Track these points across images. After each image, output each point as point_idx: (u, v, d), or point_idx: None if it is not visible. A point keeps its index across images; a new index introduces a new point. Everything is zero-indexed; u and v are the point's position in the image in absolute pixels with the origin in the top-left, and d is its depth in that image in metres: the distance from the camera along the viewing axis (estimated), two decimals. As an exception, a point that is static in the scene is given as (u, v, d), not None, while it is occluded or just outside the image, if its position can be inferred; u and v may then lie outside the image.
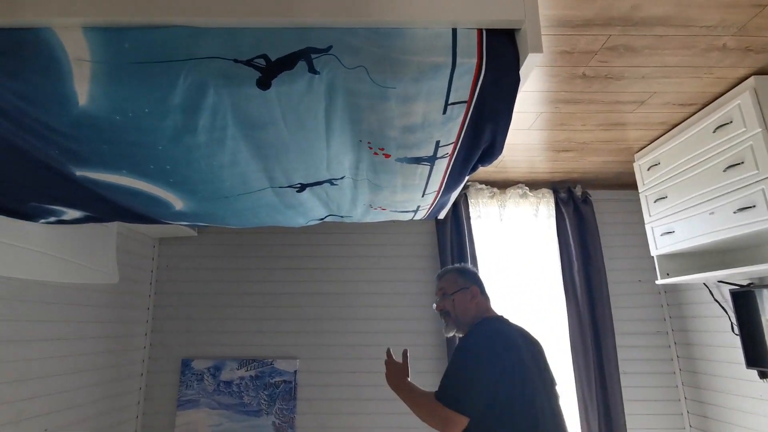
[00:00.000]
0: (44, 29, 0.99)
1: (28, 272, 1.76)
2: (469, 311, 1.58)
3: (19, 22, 0.98)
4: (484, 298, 1.64)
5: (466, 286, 1.62)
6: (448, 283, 1.65)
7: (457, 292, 1.61)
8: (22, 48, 0.99)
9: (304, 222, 1.98)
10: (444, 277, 1.68)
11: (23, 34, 0.99)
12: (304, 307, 2.76)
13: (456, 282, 1.64)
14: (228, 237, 2.83)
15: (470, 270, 1.71)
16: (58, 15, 0.98)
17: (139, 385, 2.58)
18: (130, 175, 1.32)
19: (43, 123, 1.09)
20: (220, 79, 1.00)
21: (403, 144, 1.24)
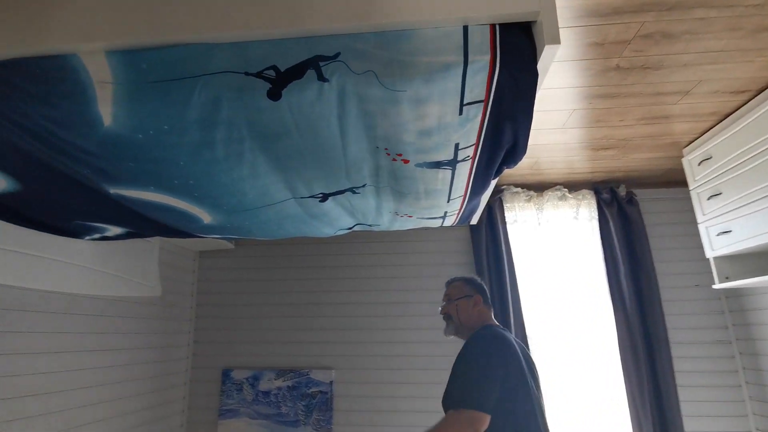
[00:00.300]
0: (70, 55, 1.04)
1: (76, 287, 1.86)
2: (470, 317, 1.68)
3: (47, 50, 1.04)
4: (486, 307, 1.73)
5: (470, 294, 1.72)
6: (454, 289, 1.77)
7: (461, 299, 1.72)
8: (50, 74, 1.04)
9: (332, 232, 1.98)
10: (452, 284, 1.80)
11: (51, 61, 1.04)
12: (338, 317, 2.76)
13: (462, 289, 1.75)
14: (264, 248, 2.89)
15: (477, 280, 1.80)
16: (83, 41, 1.03)
17: (183, 394, 2.66)
18: (158, 191, 1.37)
19: (73, 145, 1.15)
20: (233, 93, 1.01)
21: (421, 148, 1.21)
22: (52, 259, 1.76)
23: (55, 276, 1.77)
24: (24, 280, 1.62)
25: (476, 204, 1.81)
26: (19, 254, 1.62)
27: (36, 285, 1.67)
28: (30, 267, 1.66)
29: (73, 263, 1.85)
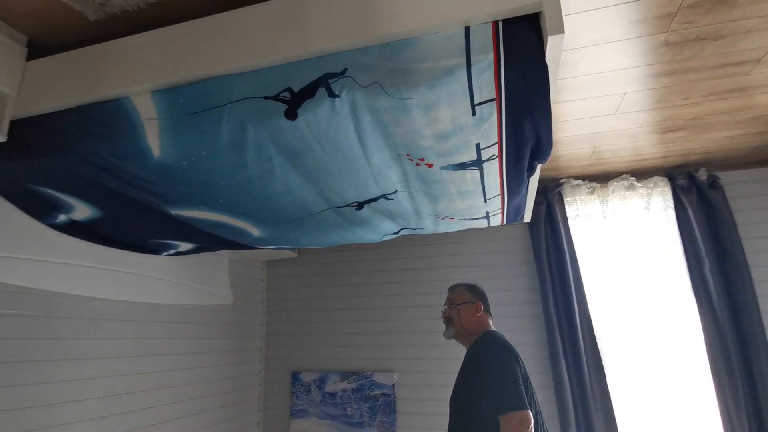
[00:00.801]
0: (123, 98, 1.19)
1: (155, 297, 2.10)
2: (471, 323, 1.76)
3: (105, 96, 1.20)
4: (486, 314, 1.81)
5: (472, 301, 1.81)
6: (457, 295, 1.85)
7: (463, 304, 1.80)
8: (108, 116, 1.20)
9: (378, 238, 2.02)
10: (455, 290, 1.88)
11: (108, 105, 1.20)
12: (399, 321, 2.79)
13: (464, 295, 1.83)
14: (325, 256, 3.02)
15: (479, 288, 1.88)
16: (132, 85, 1.17)
17: (258, 394, 2.86)
18: (208, 209, 1.51)
19: (133, 175, 1.31)
20: (255, 116, 1.09)
21: (442, 152, 1.21)
22: (134, 274, 2.00)
23: (137, 288, 2.01)
24: (110, 292, 1.86)
25: (521, 202, 1.75)
26: (107, 270, 1.87)
27: (121, 296, 1.92)
28: (115, 281, 1.90)
29: (153, 276, 2.09)
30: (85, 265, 1.78)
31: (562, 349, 2.37)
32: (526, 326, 2.56)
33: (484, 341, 1.66)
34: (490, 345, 1.62)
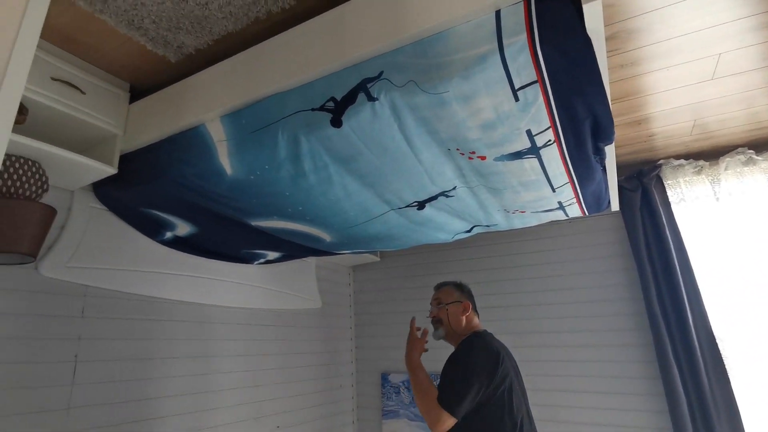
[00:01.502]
0: (200, 125, 1.35)
1: (251, 302, 2.31)
2: (459, 323, 1.71)
3: (186, 125, 1.38)
4: (473, 313, 1.77)
5: (460, 300, 1.76)
6: (444, 294, 1.80)
7: (451, 303, 1.75)
8: (190, 142, 1.37)
9: (450, 237, 2.00)
10: (441, 289, 1.83)
11: (189, 133, 1.38)
12: (486, 321, 2.70)
13: (452, 294, 1.78)
14: (407, 257, 3.06)
15: (466, 287, 1.85)
16: (205, 112, 1.33)
17: (351, 394, 2.98)
18: (280, 219, 1.63)
19: (214, 192, 1.47)
20: (305, 128, 1.17)
21: (492, 142, 1.17)
22: (234, 282, 2.23)
23: (237, 295, 2.23)
24: (214, 299, 2.10)
25: (599, 189, 1.60)
26: (211, 280, 2.11)
27: (223, 302, 2.15)
28: (218, 289, 2.14)
29: (249, 284, 2.31)
30: (193, 276, 2.04)
31: (673, 351, 2.10)
32: (627, 325, 2.32)
33: (466, 343, 1.60)
34: (467, 348, 1.57)
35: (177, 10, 1.22)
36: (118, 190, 1.58)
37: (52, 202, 1.54)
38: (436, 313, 1.77)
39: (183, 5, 1.21)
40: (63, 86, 1.38)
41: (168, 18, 1.26)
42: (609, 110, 1.05)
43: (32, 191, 1.33)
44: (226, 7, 1.22)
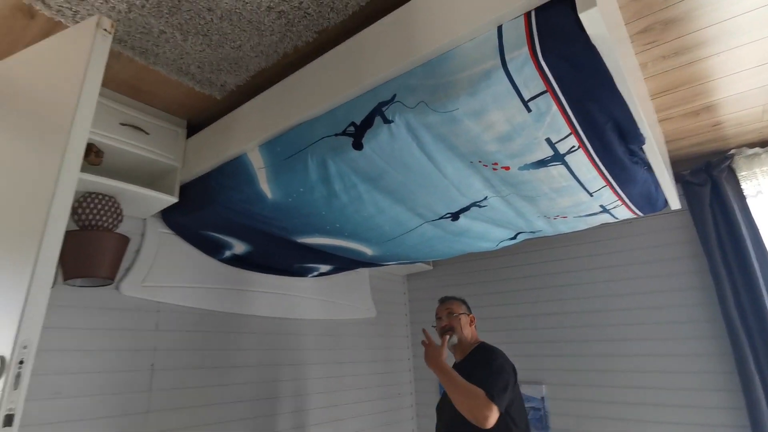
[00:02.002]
0: (242, 155, 1.48)
1: (306, 313, 2.43)
2: (467, 333, 1.84)
3: (231, 155, 1.51)
4: (474, 327, 1.91)
5: (467, 313, 1.91)
6: (454, 305, 1.90)
7: (461, 314, 1.87)
8: (234, 170, 1.51)
9: (493, 245, 1.97)
10: (448, 301, 1.93)
11: (234, 162, 1.51)
12: (544, 329, 2.62)
13: (461, 307, 1.92)
14: (460, 265, 3.04)
15: (467, 302, 1.98)
16: (246, 142, 1.45)
17: (411, 402, 3.01)
18: (322, 236, 1.72)
19: (259, 214, 1.60)
20: (331, 152, 1.25)
21: (512, 153, 1.17)
22: (291, 295, 2.37)
23: (294, 307, 2.37)
24: (274, 311, 2.25)
25: (647, 189, 1.51)
26: (270, 294, 2.26)
27: (282, 314, 2.29)
28: (278, 302, 2.28)
29: (303, 296, 2.44)
30: (253, 290, 2.20)
31: (754, 361, 1.89)
32: (701, 333, 2.12)
33: (487, 347, 1.78)
34: (495, 349, 1.76)
35: (216, 54, 1.36)
36: (180, 216, 1.76)
37: (129, 229, 1.76)
38: (448, 321, 1.85)
39: (220, 50, 1.34)
40: (130, 129, 1.58)
41: (209, 62, 1.40)
42: (629, 112, 1.01)
43: (109, 222, 1.53)
44: (257, 47, 1.34)
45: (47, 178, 0.97)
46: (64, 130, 0.99)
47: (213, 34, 1.28)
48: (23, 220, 0.95)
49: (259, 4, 1.17)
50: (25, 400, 1.40)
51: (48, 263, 0.88)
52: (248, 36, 1.29)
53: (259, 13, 1.20)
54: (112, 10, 1.17)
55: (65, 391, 1.49)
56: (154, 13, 1.19)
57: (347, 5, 1.20)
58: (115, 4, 1.16)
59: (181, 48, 1.33)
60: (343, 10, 1.21)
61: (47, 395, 1.45)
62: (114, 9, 1.17)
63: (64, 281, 1.46)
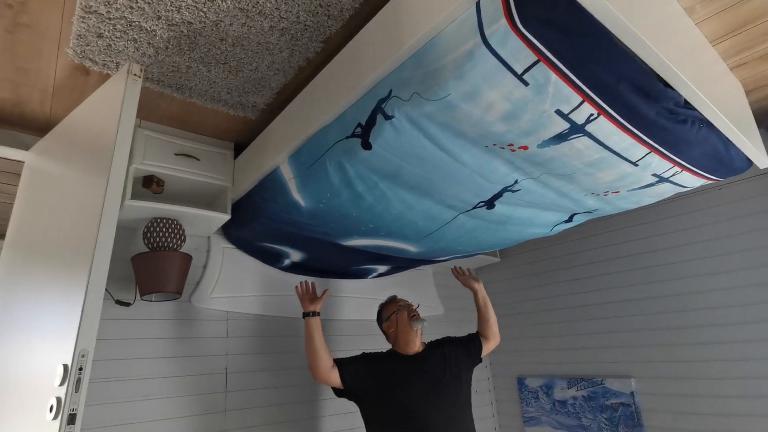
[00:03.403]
0: (276, 168, 1.58)
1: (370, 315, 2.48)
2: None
3: (267, 170, 1.62)
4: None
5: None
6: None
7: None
8: (271, 184, 1.61)
9: (547, 230, 1.84)
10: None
11: (270, 176, 1.61)
12: (628, 317, 2.38)
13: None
14: (527, 255, 2.88)
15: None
16: (278, 156, 1.54)
17: (490, 400, 2.92)
18: (362, 237, 1.76)
19: (299, 222, 1.68)
20: (345, 155, 1.28)
21: (524, 131, 1.10)
22: (352, 297, 2.44)
23: (359, 308, 2.44)
24: (335, 313, 2.34)
25: (713, 149, 1.31)
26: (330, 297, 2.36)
27: (346, 316, 2.37)
28: (339, 304, 2.37)
29: (366, 297, 2.50)
30: (318, 294, 2.31)
31: None
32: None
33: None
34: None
35: (238, 78, 1.47)
36: (236, 231, 1.92)
37: (196, 247, 1.96)
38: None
39: (241, 74, 1.45)
40: (183, 158, 1.76)
41: (235, 87, 1.51)
42: (640, 68, 0.89)
43: (174, 242, 1.72)
44: (272, 65, 1.42)
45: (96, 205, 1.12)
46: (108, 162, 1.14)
47: (230, 61, 1.38)
48: (79, 245, 1.11)
49: (261, 26, 1.24)
50: (120, 401, 1.63)
51: (98, 282, 1.02)
52: (261, 57, 1.37)
53: (264, 34, 1.27)
54: (143, 56, 1.33)
55: (154, 394, 1.70)
56: (177, 52, 1.33)
57: (342, 10, 1.22)
58: (145, 50, 1.31)
59: (207, 78, 1.46)
60: (339, 15, 1.24)
61: (139, 397, 1.67)
62: (144, 54, 1.32)
63: (141, 297, 1.66)
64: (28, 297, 1.29)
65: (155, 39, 1.27)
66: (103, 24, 1.20)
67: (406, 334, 1.81)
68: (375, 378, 1.71)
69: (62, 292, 1.11)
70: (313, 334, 1.71)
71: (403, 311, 1.86)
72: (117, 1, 1.13)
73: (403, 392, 1.68)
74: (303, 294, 1.86)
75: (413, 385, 1.70)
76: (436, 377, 1.75)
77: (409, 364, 1.77)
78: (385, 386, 1.69)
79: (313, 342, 1.69)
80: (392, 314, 1.89)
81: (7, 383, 1.20)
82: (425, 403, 1.67)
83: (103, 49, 1.28)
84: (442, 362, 1.82)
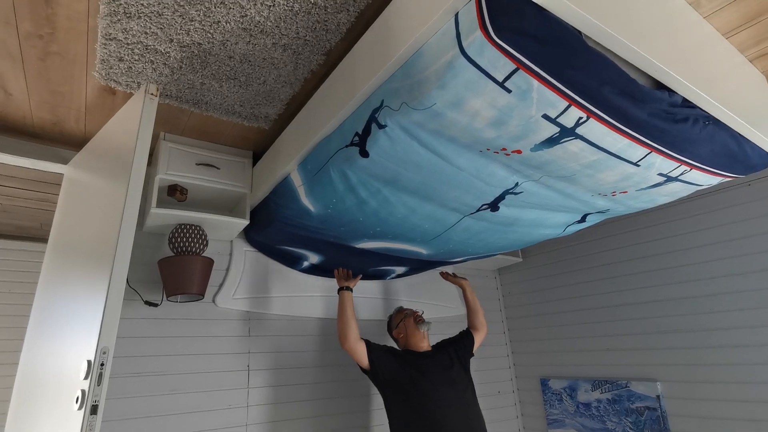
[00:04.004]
0: (288, 175, 1.65)
1: (390, 314, 2.53)
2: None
3: (279, 177, 1.69)
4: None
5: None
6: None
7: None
8: (283, 191, 1.68)
9: (559, 231, 1.82)
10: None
11: (283, 183, 1.68)
12: (653, 318, 2.31)
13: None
14: (549, 255, 2.84)
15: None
16: (288, 164, 1.62)
17: (514, 401, 2.89)
18: (371, 240, 1.81)
19: (311, 226, 1.75)
20: (346, 163, 1.34)
21: (514, 136, 1.11)
22: (369, 298, 2.50)
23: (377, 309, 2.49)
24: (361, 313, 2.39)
25: (723, 146, 1.27)
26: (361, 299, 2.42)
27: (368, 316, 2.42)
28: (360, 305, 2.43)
29: (384, 298, 2.54)
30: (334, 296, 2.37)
31: None
32: None
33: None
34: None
35: (249, 92, 1.55)
36: (255, 235, 2.02)
37: (219, 251, 2.07)
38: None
39: (251, 88, 1.53)
40: (204, 168, 1.87)
41: (247, 100, 1.60)
42: (620, 72, 0.88)
43: (197, 247, 1.83)
44: (279, 79, 1.49)
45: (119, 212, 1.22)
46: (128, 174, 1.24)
47: (240, 76, 1.47)
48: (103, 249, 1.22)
49: (264, 43, 1.32)
50: (149, 395, 1.75)
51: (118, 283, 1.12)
52: (267, 71, 1.45)
53: (268, 50, 1.35)
54: (161, 75, 1.43)
55: (180, 388, 1.82)
56: (190, 71, 1.42)
57: (339, 24, 1.27)
58: (162, 71, 1.42)
59: (220, 93, 1.55)
60: (337, 29, 1.29)
61: (167, 391, 1.79)
62: (161, 74, 1.43)
63: (167, 298, 1.79)
64: (64, 297, 1.43)
65: (170, 60, 1.37)
66: (122, 49, 1.31)
67: (414, 337, 1.98)
68: (400, 366, 1.84)
69: (89, 293, 1.22)
70: (345, 306, 1.89)
71: (409, 317, 2.03)
72: (133, 28, 1.23)
73: (423, 379, 1.82)
74: (340, 274, 2.07)
75: (431, 372, 1.84)
76: (447, 365, 1.91)
77: (423, 358, 1.91)
78: (407, 374, 1.82)
79: (345, 313, 1.87)
80: (400, 322, 2.06)
81: (45, 376, 1.34)
82: (442, 387, 1.81)
83: (125, 71, 1.40)
84: (448, 356, 1.98)
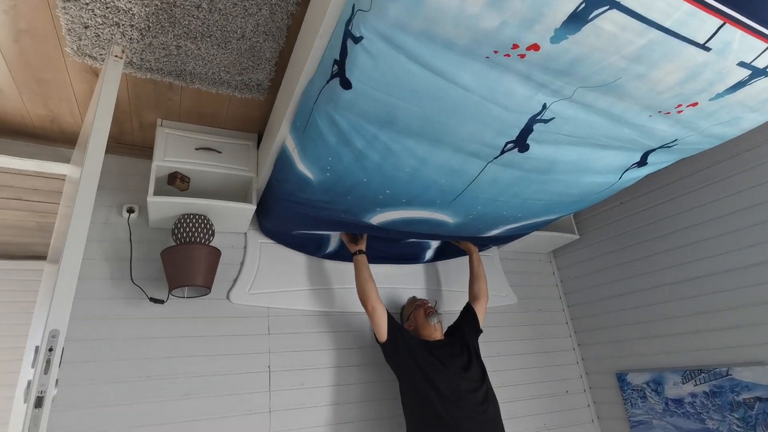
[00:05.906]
0: (284, 144, 1.48)
1: (429, 306, 2.25)
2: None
3: (276, 148, 1.52)
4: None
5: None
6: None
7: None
8: (281, 162, 1.52)
9: (613, 179, 1.47)
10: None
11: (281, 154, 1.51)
12: (752, 287, 1.85)
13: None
14: (609, 228, 2.44)
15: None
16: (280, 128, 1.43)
17: (587, 402, 2.47)
18: (384, 209, 1.57)
19: (315, 200, 1.56)
20: (330, 104, 1.13)
21: (525, 20, 0.85)
22: (404, 288, 2.24)
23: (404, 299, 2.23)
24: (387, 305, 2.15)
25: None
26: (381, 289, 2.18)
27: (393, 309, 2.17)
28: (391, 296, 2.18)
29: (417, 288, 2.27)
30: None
31: None
32: None
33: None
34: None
35: (229, 52, 1.40)
36: (266, 223, 1.85)
37: (233, 244, 1.93)
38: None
39: (230, 45, 1.38)
40: (205, 152, 1.74)
41: (230, 63, 1.45)
42: None
43: (201, 237, 1.69)
44: (257, 28, 1.32)
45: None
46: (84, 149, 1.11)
47: (214, 31, 1.32)
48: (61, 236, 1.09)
49: (229, -19, 1.15)
50: (161, 401, 1.60)
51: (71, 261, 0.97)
52: (242, 21, 1.29)
53: (234, -10, 1.18)
54: (131, 40, 1.32)
55: (194, 393, 1.66)
56: (160, 31, 1.29)
57: (305, -61, 1.08)
58: (130, 35, 1.30)
59: (200, 57, 1.41)
60: (303, -53, 1.10)
61: (179, 396, 1.63)
62: (132, 39, 1.31)
63: (170, 293, 1.65)
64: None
65: (135, 19, 1.24)
66: (83, 12, 1.20)
67: (425, 329, 1.88)
68: (417, 346, 1.74)
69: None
70: (362, 269, 1.84)
71: (419, 309, 1.94)
72: (85, -19, 1.12)
73: (441, 364, 1.71)
74: (348, 238, 1.97)
75: (444, 360, 1.73)
76: (458, 353, 1.80)
77: (436, 347, 1.80)
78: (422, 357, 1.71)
79: (362, 274, 1.82)
80: (410, 313, 1.98)
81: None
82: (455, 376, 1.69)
83: (94, 40, 1.29)
84: (458, 342, 1.86)
